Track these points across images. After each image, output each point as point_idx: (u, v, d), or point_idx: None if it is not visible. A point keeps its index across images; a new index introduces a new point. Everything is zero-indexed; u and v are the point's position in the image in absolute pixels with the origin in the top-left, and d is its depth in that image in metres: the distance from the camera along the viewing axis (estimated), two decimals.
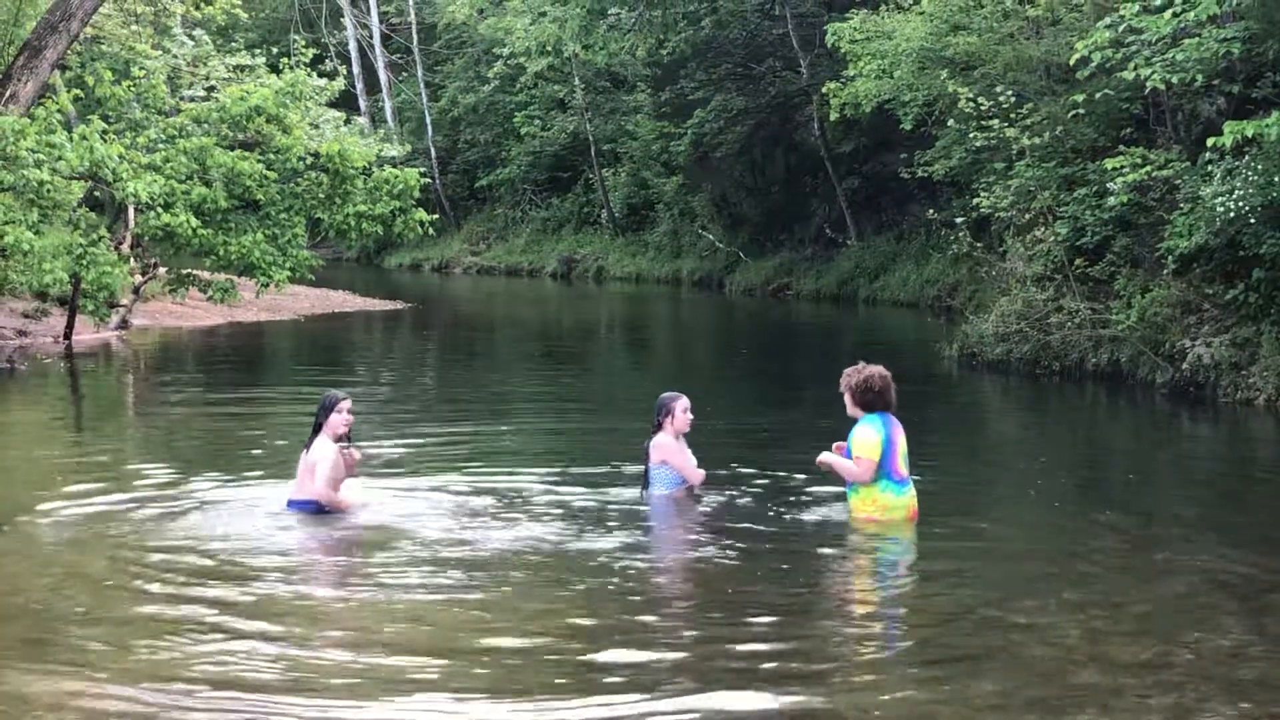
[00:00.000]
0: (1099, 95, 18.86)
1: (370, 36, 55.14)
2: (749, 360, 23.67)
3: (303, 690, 6.50)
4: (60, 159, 19.75)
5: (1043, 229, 19.84)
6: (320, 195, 23.16)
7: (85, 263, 20.47)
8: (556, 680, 6.66)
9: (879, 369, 9.81)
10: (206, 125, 22.81)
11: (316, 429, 10.11)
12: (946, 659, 7.04)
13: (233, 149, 22.48)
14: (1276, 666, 6.90)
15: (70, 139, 20.22)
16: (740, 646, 7.16)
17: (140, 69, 24.85)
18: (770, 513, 10.19)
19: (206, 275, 24.12)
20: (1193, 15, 15.50)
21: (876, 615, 8.15)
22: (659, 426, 10.49)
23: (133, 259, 24.23)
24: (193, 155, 21.85)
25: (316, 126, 25.36)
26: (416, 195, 23.74)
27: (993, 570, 8.89)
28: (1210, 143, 15.72)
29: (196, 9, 31.21)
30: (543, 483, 11.35)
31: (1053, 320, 19.36)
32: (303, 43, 27.30)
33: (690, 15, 36.78)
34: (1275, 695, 6.51)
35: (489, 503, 10.56)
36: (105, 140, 20.84)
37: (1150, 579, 8.66)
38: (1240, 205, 15.52)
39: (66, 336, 23.22)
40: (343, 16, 55.70)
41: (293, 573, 8.78)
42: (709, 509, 10.32)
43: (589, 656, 6.99)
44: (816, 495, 10.63)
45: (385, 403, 17.27)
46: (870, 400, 9.71)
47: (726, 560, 9.07)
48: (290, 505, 10.08)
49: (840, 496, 10.09)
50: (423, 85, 54.11)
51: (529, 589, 8.28)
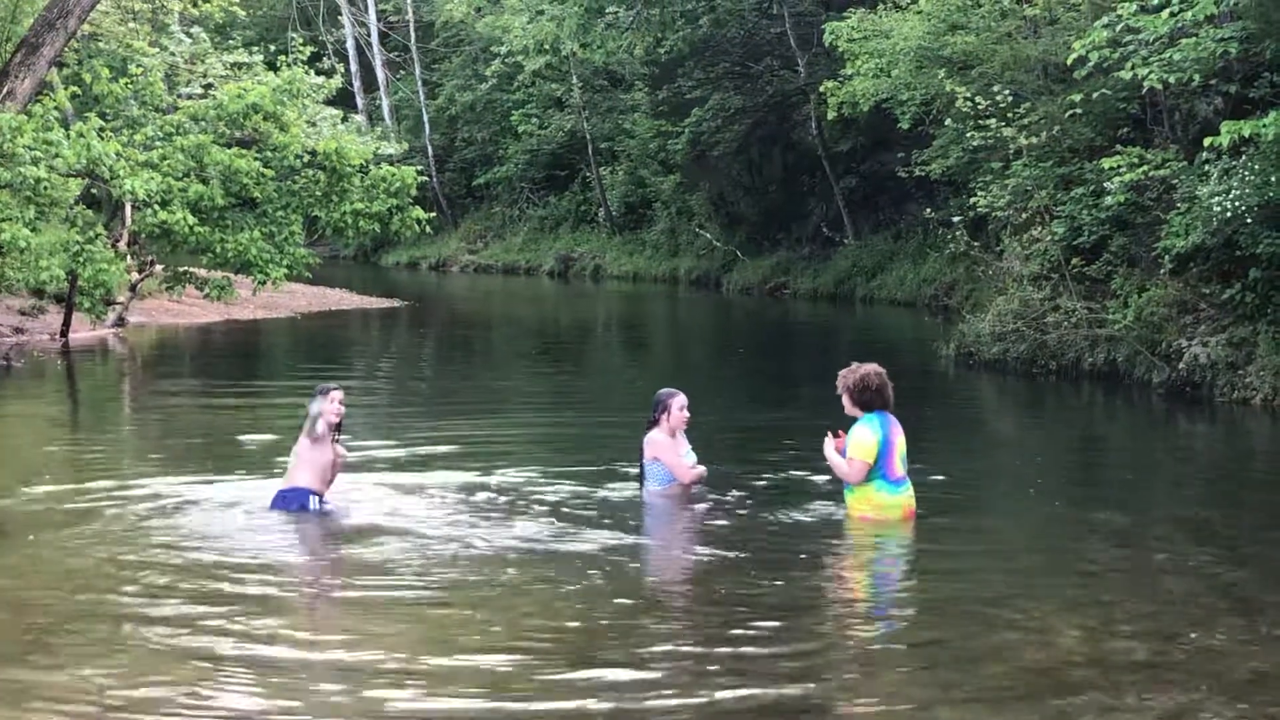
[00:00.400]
0: (1096, 95, 18.86)
1: (368, 34, 55.12)
2: (745, 359, 23.66)
3: (293, 692, 6.49)
4: (57, 156, 19.73)
5: (1040, 228, 19.84)
6: (317, 193, 23.13)
7: (82, 260, 20.46)
8: (548, 680, 6.65)
9: (874, 367, 9.78)
10: (204, 123, 22.78)
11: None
12: (943, 658, 7.04)
13: (230, 146, 22.44)
14: (1274, 666, 6.90)
15: (67, 136, 20.19)
16: (733, 646, 7.15)
17: (138, 66, 24.81)
18: (764, 510, 10.18)
19: (203, 273, 24.10)
20: (1190, 15, 15.51)
21: (872, 614, 8.14)
22: (654, 422, 10.49)
23: (129, 256, 24.20)
24: (190, 153, 21.82)
25: (314, 124, 25.34)
26: (414, 193, 23.72)
27: (989, 569, 8.89)
28: (1207, 142, 15.72)
29: (194, 6, 31.22)
30: (537, 480, 11.33)
31: (1049, 319, 19.36)
32: (300, 40, 27.27)
33: (688, 14, 36.78)
34: (1273, 694, 6.51)
35: (483, 500, 10.56)
36: (102, 137, 20.82)
37: (1147, 578, 8.66)
38: (1237, 205, 15.52)
39: (63, 334, 23.20)
40: (340, 14, 55.67)
41: (285, 571, 8.77)
42: (703, 506, 10.31)
43: (580, 656, 6.98)
44: (812, 493, 10.63)
45: (381, 401, 17.27)
46: (868, 399, 9.68)
47: (719, 558, 9.06)
48: (279, 496, 10.02)
49: (835, 494, 10.09)
50: (420, 83, 54.08)
51: (521, 587, 8.27)
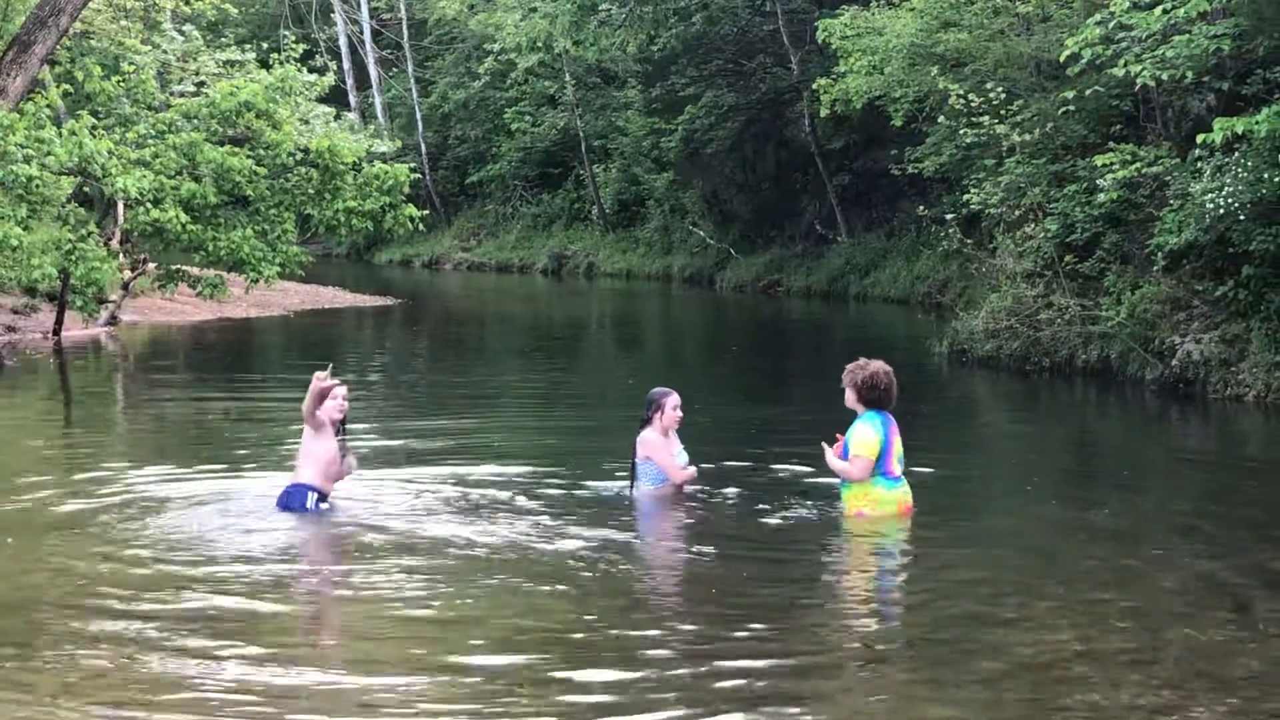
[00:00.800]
0: (1089, 92, 18.87)
1: (360, 32, 55.05)
2: (739, 356, 23.66)
3: (282, 694, 6.47)
4: (49, 154, 19.69)
5: (1033, 225, 19.85)
6: (310, 191, 23.10)
7: (74, 258, 20.42)
8: (539, 681, 6.64)
9: (883, 366, 9.77)
10: (196, 121, 22.73)
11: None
12: (936, 655, 7.03)
13: (222, 144, 22.41)
14: (1268, 663, 6.90)
15: (59, 134, 20.15)
16: (726, 644, 7.14)
17: (130, 64, 24.77)
18: (758, 508, 10.17)
19: (196, 271, 24.06)
20: (1183, 12, 15.54)
21: (865, 611, 8.14)
22: (648, 421, 10.47)
23: (122, 255, 24.18)
24: (182, 151, 21.78)
25: (306, 122, 25.28)
26: (406, 191, 23.69)
27: (982, 566, 8.88)
28: (1200, 139, 15.73)
29: (186, 4, 31.14)
30: (529, 478, 11.32)
31: (1042, 317, 19.36)
32: (293, 38, 27.28)
33: (681, 11, 36.75)
34: (1266, 691, 6.51)
35: (474, 498, 10.54)
36: (94, 135, 20.77)
37: (1141, 575, 8.66)
38: (1230, 202, 15.53)
39: (55, 332, 23.17)
40: (333, 12, 55.59)
41: (275, 571, 8.72)
42: (695, 505, 10.30)
43: (571, 656, 6.97)
44: (805, 491, 10.62)
45: (373, 398, 17.24)
46: (874, 398, 9.68)
47: (712, 557, 9.05)
48: (283, 493, 9.97)
49: (828, 492, 10.08)
50: (413, 81, 54.04)
51: (512, 586, 8.24)
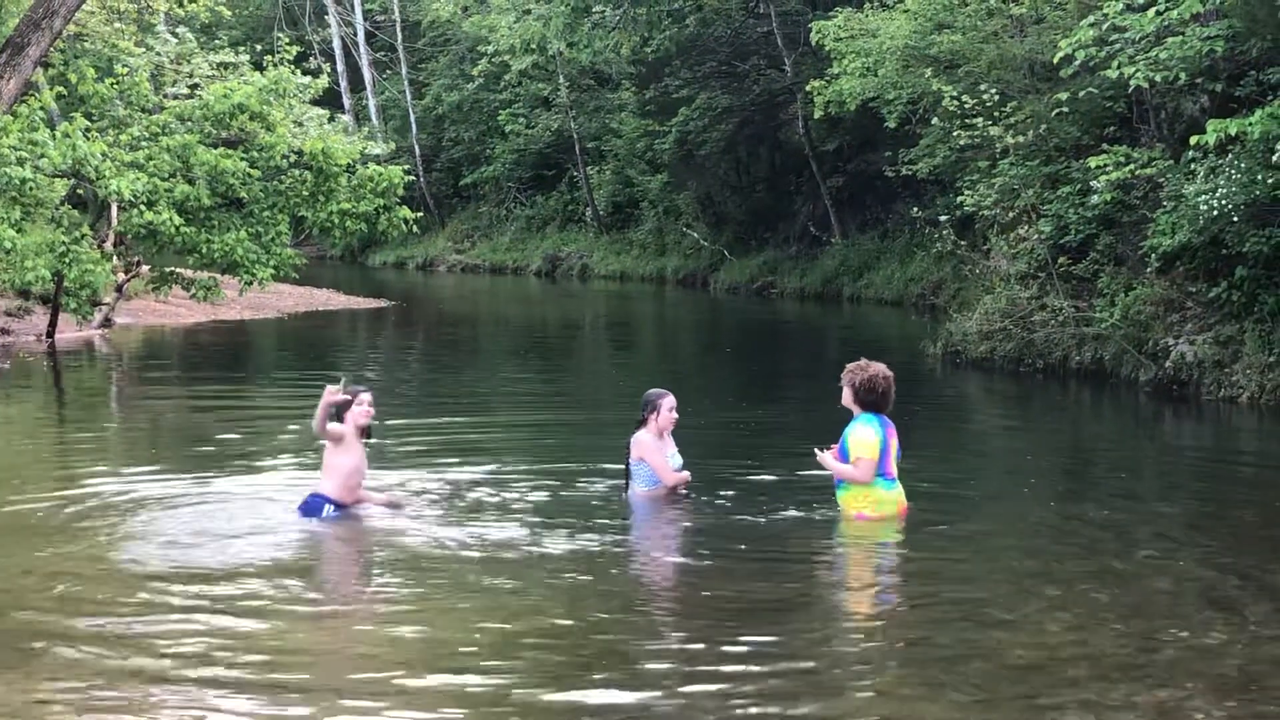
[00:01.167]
0: (1082, 93, 18.89)
1: (354, 34, 55.04)
2: (733, 358, 23.66)
3: (273, 697, 6.46)
4: (43, 156, 19.68)
5: (1026, 227, 19.87)
6: (304, 193, 23.09)
7: (68, 261, 20.41)
8: (535, 682, 6.64)
9: (883, 369, 9.77)
10: (190, 123, 22.72)
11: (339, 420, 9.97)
12: (931, 656, 7.04)
13: (216, 147, 22.40)
14: (1262, 664, 6.91)
15: (53, 136, 20.15)
16: (720, 646, 7.13)
17: (123, 66, 24.76)
18: (752, 510, 10.17)
19: (190, 273, 24.05)
20: (1176, 13, 15.55)
21: (860, 613, 8.13)
22: (643, 422, 10.46)
23: (115, 257, 24.14)
24: (176, 153, 21.77)
25: (300, 124, 25.29)
26: (400, 193, 23.69)
27: (977, 567, 8.89)
28: (1193, 141, 15.75)
29: (180, 6, 31.12)
30: (524, 479, 11.32)
31: (1036, 318, 19.39)
32: (286, 40, 27.16)
33: (674, 13, 36.79)
34: (1261, 693, 6.51)
35: (468, 500, 10.53)
36: (88, 138, 20.77)
37: (1134, 576, 8.67)
38: (1223, 203, 15.55)
39: (49, 335, 23.14)
40: (326, 14, 55.61)
41: (266, 573, 8.66)
42: (690, 507, 10.28)
43: (567, 659, 6.97)
44: (799, 492, 10.61)
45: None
46: (873, 401, 9.68)
47: (706, 558, 9.04)
48: (303, 502, 9.92)
49: (823, 493, 10.08)
50: (407, 83, 54.02)
51: (507, 588, 8.24)
